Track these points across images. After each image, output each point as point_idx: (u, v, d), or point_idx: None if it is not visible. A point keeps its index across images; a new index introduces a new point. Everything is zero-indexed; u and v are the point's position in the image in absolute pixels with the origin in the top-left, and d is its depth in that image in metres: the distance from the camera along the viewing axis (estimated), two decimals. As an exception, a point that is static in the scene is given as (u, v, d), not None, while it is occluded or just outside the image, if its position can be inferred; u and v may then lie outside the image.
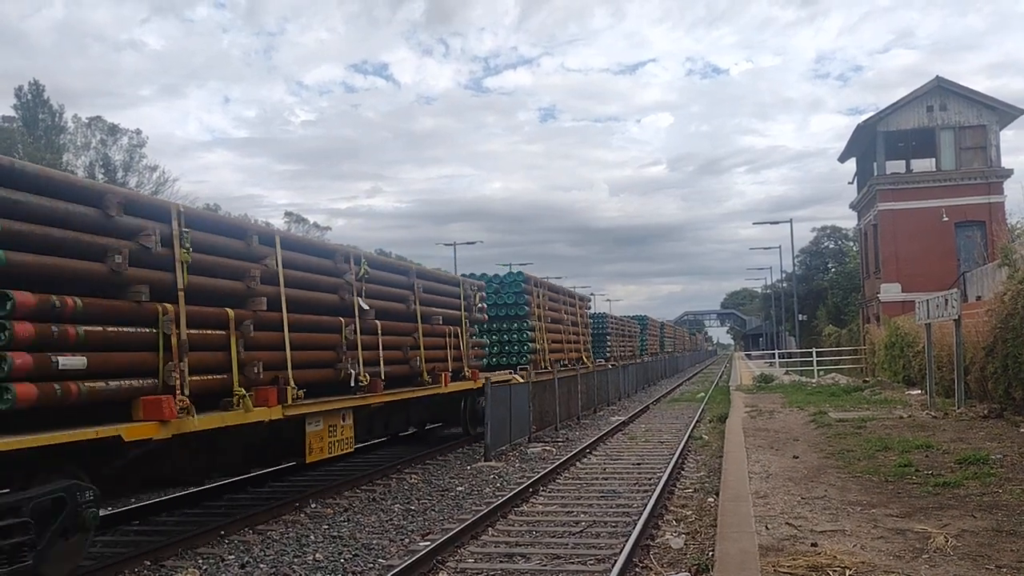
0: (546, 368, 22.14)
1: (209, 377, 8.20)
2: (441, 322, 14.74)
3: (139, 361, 7.32)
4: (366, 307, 11.61)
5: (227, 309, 8.59)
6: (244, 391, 8.50)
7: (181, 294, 7.84)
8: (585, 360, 27.99)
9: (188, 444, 8.47)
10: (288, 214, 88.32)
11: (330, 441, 10.76)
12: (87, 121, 62.17)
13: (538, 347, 22.52)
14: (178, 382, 7.58)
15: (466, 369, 15.96)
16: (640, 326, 50.15)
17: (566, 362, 25.37)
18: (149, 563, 7.77)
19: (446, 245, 60.09)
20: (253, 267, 9.09)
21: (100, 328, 6.89)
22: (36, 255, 6.42)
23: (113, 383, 6.95)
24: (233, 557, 8.14)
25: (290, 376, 9.45)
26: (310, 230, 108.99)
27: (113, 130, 62.77)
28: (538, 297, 23.22)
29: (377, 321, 11.98)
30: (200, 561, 7.99)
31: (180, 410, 7.47)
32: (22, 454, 6.02)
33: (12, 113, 57.57)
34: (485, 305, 18.41)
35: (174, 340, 7.61)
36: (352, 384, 10.99)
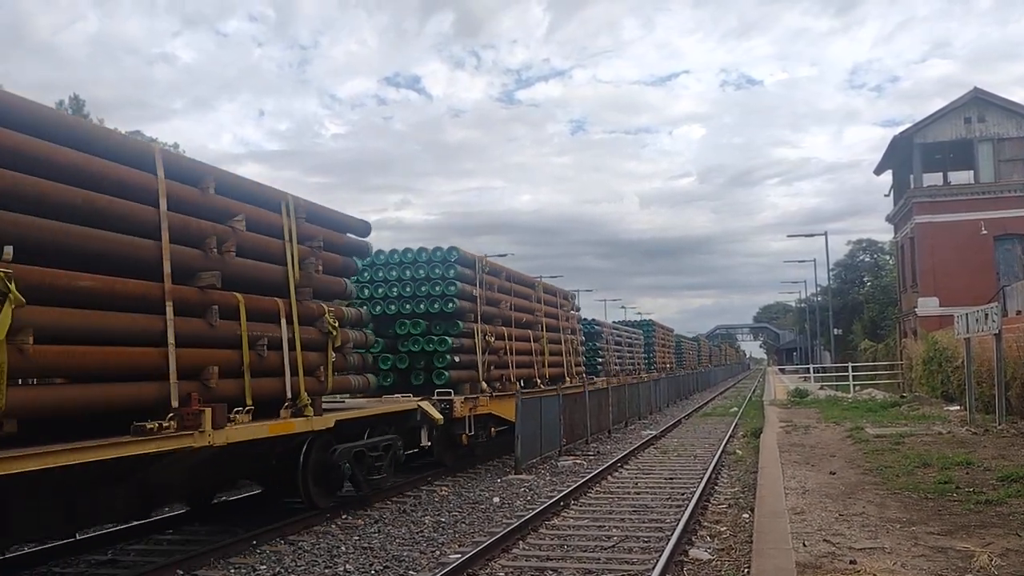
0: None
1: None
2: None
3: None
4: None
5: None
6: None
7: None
8: (567, 377, 20.91)
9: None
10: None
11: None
12: (125, 134, 63.02)
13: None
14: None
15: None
16: (645, 336, 40.90)
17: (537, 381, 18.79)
18: (182, 572, 7.81)
19: (476, 258, 59.14)
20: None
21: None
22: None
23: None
24: (265, 567, 8.15)
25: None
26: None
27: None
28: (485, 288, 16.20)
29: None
30: (232, 570, 8.02)
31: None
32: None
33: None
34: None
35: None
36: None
